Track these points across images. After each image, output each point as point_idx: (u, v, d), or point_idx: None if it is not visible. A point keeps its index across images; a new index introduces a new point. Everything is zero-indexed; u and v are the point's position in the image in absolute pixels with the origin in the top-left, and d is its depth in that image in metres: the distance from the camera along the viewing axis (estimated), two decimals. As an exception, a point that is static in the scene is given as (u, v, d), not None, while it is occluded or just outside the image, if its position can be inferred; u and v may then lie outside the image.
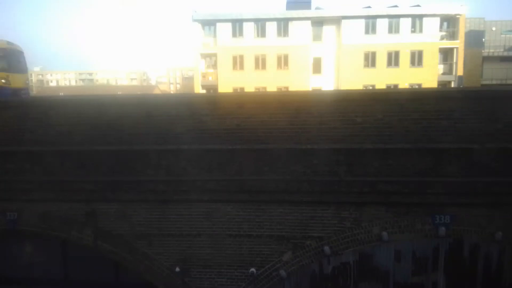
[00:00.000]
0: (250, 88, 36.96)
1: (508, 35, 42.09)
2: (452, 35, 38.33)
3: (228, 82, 37.96)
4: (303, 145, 8.14)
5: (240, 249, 8.59)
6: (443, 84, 37.87)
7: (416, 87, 34.53)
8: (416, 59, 37.29)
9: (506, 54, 41.84)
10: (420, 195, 8.00)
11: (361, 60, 37.55)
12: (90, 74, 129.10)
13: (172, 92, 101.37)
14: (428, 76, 36.52)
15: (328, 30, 38.33)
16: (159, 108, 8.59)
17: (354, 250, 8.40)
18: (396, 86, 35.86)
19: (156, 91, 74.25)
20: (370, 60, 37.59)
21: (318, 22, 38.11)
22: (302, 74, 37.43)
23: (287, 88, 36.00)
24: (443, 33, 38.20)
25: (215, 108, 8.45)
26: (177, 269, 8.63)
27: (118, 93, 56.84)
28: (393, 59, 37.41)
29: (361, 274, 8.62)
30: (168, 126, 8.46)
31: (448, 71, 38.86)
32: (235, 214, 8.52)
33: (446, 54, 39.01)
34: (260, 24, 38.08)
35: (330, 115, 8.10)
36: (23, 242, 9.89)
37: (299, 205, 8.33)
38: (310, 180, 8.15)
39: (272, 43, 37.75)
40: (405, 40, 36.91)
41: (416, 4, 38.82)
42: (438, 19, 37.30)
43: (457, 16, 37.57)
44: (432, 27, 37.11)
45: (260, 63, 38.43)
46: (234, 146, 8.28)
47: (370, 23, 37.30)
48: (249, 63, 38.45)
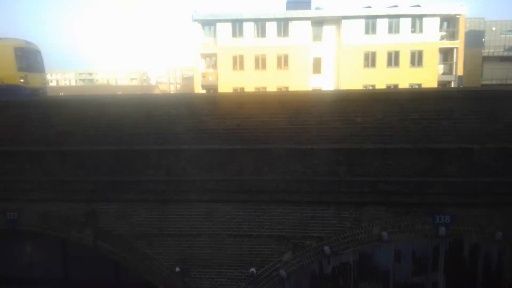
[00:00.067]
0: (250, 88, 36.95)
1: (508, 35, 42.07)
2: (452, 35, 38.30)
3: (228, 82, 37.95)
4: (303, 145, 8.14)
5: (240, 249, 8.59)
6: (443, 84, 37.86)
7: (416, 87, 34.52)
8: (416, 59, 37.27)
9: (506, 54, 41.80)
10: (420, 195, 8.01)
11: (361, 60, 37.54)
12: (90, 74, 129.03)
13: (172, 92, 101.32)
14: (428, 76, 36.51)
15: (328, 30, 38.32)
16: (159, 108, 8.59)
17: (354, 250, 8.41)
18: (396, 86, 35.85)
19: (156, 91, 74.17)
20: (370, 60, 37.57)
21: (318, 22, 38.09)
22: (302, 74, 37.42)
23: (287, 88, 35.99)
24: (443, 33, 38.18)
25: (215, 108, 8.45)
26: (177, 269, 8.63)
27: (118, 93, 56.78)
28: (393, 59, 37.39)
29: (361, 274, 8.62)
30: (168, 126, 8.46)
31: (448, 71, 38.83)
32: (235, 214, 8.52)
33: (446, 54, 38.99)
34: (260, 24, 38.06)
35: (330, 115, 8.10)
36: (23, 242, 9.90)
37: (299, 205, 8.33)
38: (310, 180, 8.16)
39: (272, 43, 37.73)
40: (405, 40, 36.90)
41: (416, 4, 38.79)
42: (438, 19, 37.28)
43: (457, 16, 37.54)
44: (432, 27, 37.09)
45: (260, 63, 38.41)
46: (234, 146, 8.28)
47: (370, 23, 37.29)
48: (249, 63, 38.43)
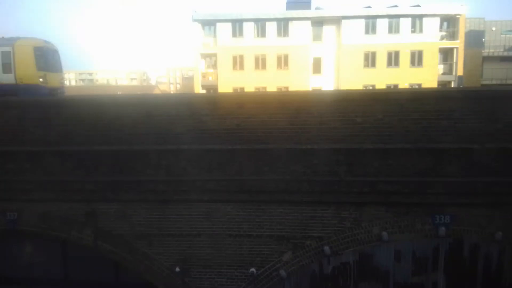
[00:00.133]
0: (250, 88, 36.93)
1: (508, 35, 42.03)
2: (452, 35, 38.28)
3: (228, 82, 37.92)
4: (303, 145, 8.14)
5: (240, 249, 8.59)
6: (443, 84, 37.83)
7: (416, 87, 34.51)
8: (416, 59, 37.24)
9: (506, 54, 41.75)
10: (420, 195, 8.01)
11: (361, 60, 37.51)
12: (90, 74, 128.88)
13: (172, 92, 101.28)
14: (428, 76, 36.49)
15: (328, 30, 38.30)
16: (159, 108, 8.59)
17: (354, 250, 8.41)
18: (396, 86, 35.82)
19: (156, 91, 74.08)
20: (370, 60, 37.54)
21: (318, 22, 38.07)
22: (302, 74, 37.39)
23: (287, 88, 35.96)
24: (443, 33, 38.15)
25: (215, 108, 8.45)
26: (177, 269, 8.63)
27: (118, 93, 56.71)
28: (393, 59, 37.36)
29: (361, 274, 8.62)
30: (168, 126, 8.46)
31: (448, 71, 38.81)
32: (235, 214, 8.52)
33: (446, 54, 38.96)
34: (260, 24, 38.04)
35: (330, 115, 8.10)
36: (23, 242, 9.89)
37: (299, 205, 8.33)
38: (310, 180, 8.16)
39: (272, 43, 37.70)
40: (405, 40, 36.87)
41: (416, 4, 38.77)
42: (438, 19, 37.25)
43: (457, 16, 37.52)
44: (432, 27, 37.06)
45: (260, 63, 38.38)
46: (234, 146, 8.28)
47: (370, 23, 37.26)
48: (249, 63, 38.41)
